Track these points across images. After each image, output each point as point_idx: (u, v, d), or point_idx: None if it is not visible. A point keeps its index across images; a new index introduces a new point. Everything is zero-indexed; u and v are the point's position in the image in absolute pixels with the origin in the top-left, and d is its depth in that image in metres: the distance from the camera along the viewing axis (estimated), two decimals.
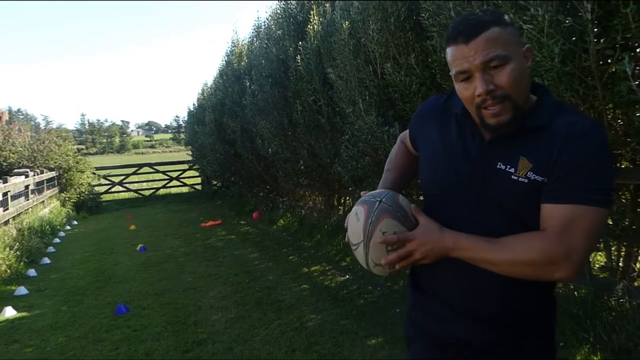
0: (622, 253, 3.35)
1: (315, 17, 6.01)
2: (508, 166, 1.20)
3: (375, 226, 1.26)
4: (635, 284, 3.14)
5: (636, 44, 2.33)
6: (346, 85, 4.97)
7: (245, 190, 11.64)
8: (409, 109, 4.05)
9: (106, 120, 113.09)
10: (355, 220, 1.32)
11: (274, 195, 10.10)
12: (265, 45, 7.80)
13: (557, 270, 1.11)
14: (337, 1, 5.75)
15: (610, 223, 2.89)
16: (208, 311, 4.62)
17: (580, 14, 2.47)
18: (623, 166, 3.17)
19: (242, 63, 9.83)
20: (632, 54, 2.41)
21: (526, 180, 1.16)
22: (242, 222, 9.77)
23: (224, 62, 11.08)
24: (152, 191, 15.61)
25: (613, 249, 3.41)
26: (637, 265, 3.29)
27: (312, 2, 6.79)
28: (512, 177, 1.18)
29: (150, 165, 16.04)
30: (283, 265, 6.09)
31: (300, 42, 6.31)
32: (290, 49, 6.70)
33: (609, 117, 2.77)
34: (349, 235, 1.36)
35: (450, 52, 1.20)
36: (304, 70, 6.12)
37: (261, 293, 5.02)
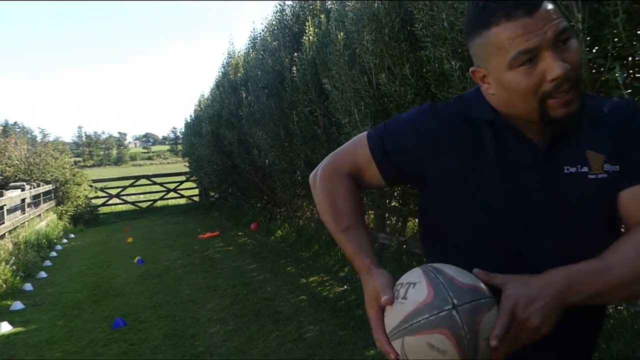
0: None
1: (311, 28, 6.04)
2: (579, 166, 0.98)
3: (424, 331, 0.86)
4: None
5: (627, 53, 2.34)
6: (342, 96, 4.99)
7: (243, 202, 11.64)
8: None
9: (103, 133, 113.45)
10: (402, 296, 0.92)
11: (271, 206, 10.10)
12: (261, 57, 7.83)
13: None
14: (332, 12, 5.79)
15: None
16: (206, 323, 4.60)
17: (571, 23, 2.49)
18: None
19: (239, 74, 9.86)
20: (624, 62, 2.42)
21: (606, 175, 0.96)
22: (240, 234, 9.76)
23: (221, 73, 11.12)
24: (149, 203, 15.60)
25: None
26: None
27: (307, 13, 6.85)
28: (589, 176, 0.97)
29: (147, 177, 16.04)
30: (281, 276, 6.07)
31: (295, 53, 6.34)
32: (286, 60, 6.73)
33: None
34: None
35: (502, 32, 0.91)
36: (300, 81, 6.14)
37: (259, 305, 5.00)
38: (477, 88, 1.08)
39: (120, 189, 15.43)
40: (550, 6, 0.91)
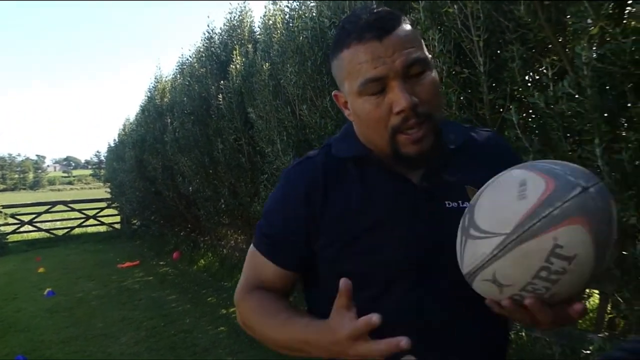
0: None
1: (238, 57, 6.08)
2: (460, 201, 0.93)
3: (551, 228, 0.68)
4: None
5: (522, 95, 2.53)
6: (266, 125, 5.03)
7: (166, 230, 11.31)
8: None
9: (19, 155, 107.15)
10: (516, 196, 0.73)
11: (195, 234, 9.88)
12: (188, 83, 7.76)
13: None
14: (259, 42, 5.87)
15: None
16: (118, 358, 4.39)
17: (475, 66, 2.67)
18: None
19: (165, 99, 9.69)
20: (520, 103, 2.62)
21: None
22: (161, 263, 9.45)
23: (147, 97, 10.89)
24: (66, 230, 14.78)
25: None
26: None
27: (235, 42, 6.89)
28: None
29: (64, 203, 15.22)
30: (201, 307, 5.92)
31: (222, 81, 6.34)
32: (213, 87, 6.72)
33: None
34: (482, 210, 0.77)
35: (352, 54, 0.87)
36: (226, 109, 6.14)
37: (176, 337, 4.85)
38: (350, 123, 1.03)
39: (34, 215, 14.52)
40: (406, 34, 0.87)
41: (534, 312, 0.73)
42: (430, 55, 0.92)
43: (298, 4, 5.19)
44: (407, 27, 0.90)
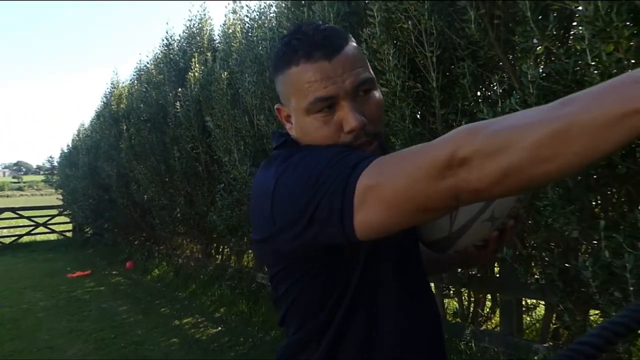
0: (472, 299, 3.62)
1: (197, 65, 6.03)
2: None
3: None
4: (482, 327, 3.40)
5: (474, 110, 2.61)
6: (223, 134, 5.00)
7: (120, 238, 11.04)
8: None
9: None
10: None
11: (150, 243, 9.68)
12: (145, 89, 7.64)
13: None
14: (218, 51, 5.84)
15: (459, 270, 3.13)
16: None
17: (428, 81, 2.73)
18: None
19: (122, 105, 9.50)
20: (470, 118, 2.69)
21: None
22: (113, 272, 9.18)
23: (103, 103, 10.65)
24: (13, 239, 14.20)
25: (464, 296, 3.69)
26: (484, 310, 3.57)
27: (194, 49, 6.83)
28: None
29: (13, 210, 14.63)
30: (154, 318, 5.78)
31: (180, 89, 6.27)
32: (170, 94, 6.63)
33: None
34: None
35: (300, 73, 0.88)
36: (183, 116, 6.06)
37: (127, 349, 4.71)
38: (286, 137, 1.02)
39: None
40: (353, 53, 0.90)
41: (509, 235, 0.89)
42: (373, 75, 0.95)
43: (258, 14, 5.21)
44: (354, 46, 0.92)
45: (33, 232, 14.46)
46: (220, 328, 5.13)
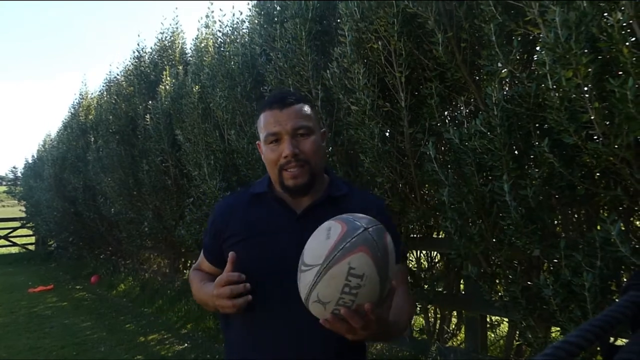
0: (438, 316, 3.66)
1: (168, 78, 5.99)
2: None
3: (345, 256, 0.98)
4: (447, 344, 3.43)
5: (441, 130, 2.66)
6: (193, 148, 4.97)
7: (85, 252, 10.78)
8: (252, 175, 4.15)
9: None
10: (324, 238, 1.04)
11: (116, 257, 9.48)
12: (114, 101, 7.54)
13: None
14: (189, 65, 5.82)
15: (426, 287, 3.17)
16: None
17: (397, 100, 2.78)
18: (435, 237, 3.53)
19: (90, 117, 9.35)
20: (437, 138, 2.75)
21: None
22: (77, 287, 8.96)
23: (70, 113, 10.46)
24: None
25: (431, 312, 3.72)
26: (450, 327, 3.61)
27: (166, 62, 6.80)
28: None
29: None
30: (118, 334, 5.65)
31: (150, 101, 6.22)
32: (140, 107, 6.57)
33: (422, 192, 3.10)
34: (306, 251, 1.07)
35: (264, 117, 1.32)
36: (153, 129, 6.00)
37: None
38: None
39: None
40: (300, 109, 1.30)
41: (349, 320, 1.00)
42: (314, 125, 1.33)
43: (231, 29, 5.22)
44: (304, 106, 1.33)
45: None
46: (186, 344, 5.05)
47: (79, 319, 6.53)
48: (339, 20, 3.31)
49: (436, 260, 3.94)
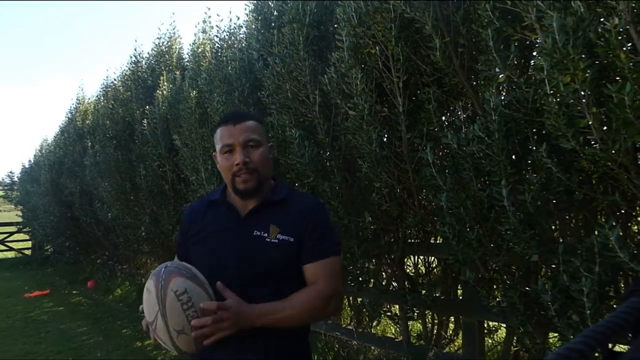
0: (436, 322, 3.65)
1: (165, 83, 5.99)
2: (262, 232, 1.51)
3: (167, 288, 1.29)
4: (445, 350, 3.42)
5: (439, 135, 2.66)
6: (191, 153, 4.96)
7: (81, 257, 10.74)
8: None
9: None
10: (148, 295, 1.33)
11: (113, 262, 9.45)
12: (111, 106, 7.54)
13: (331, 306, 1.51)
14: (187, 70, 5.82)
15: (423, 292, 3.16)
16: None
17: (394, 105, 2.78)
18: (432, 242, 3.52)
19: (87, 121, 9.34)
20: (435, 143, 2.74)
21: (276, 241, 1.50)
22: (74, 292, 8.93)
23: (67, 118, 10.45)
24: None
25: (428, 318, 3.71)
26: (448, 332, 3.59)
27: (163, 67, 6.80)
28: (266, 240, 1.50)
29: None
30: (115, 339, 5.62)
31: (148, 106, 6.21)
32: (137, 112, 6.56)
33: (420, 197, 3.09)
34: (146, 315, 1.34)
35: (220, 131, 1.57)
36: (150, 134, 5.99)
37: None
38: None
39: None
40: (250, 124, 1.55)
41: (206, 324, 1.31)
42: (264, 139, 1.59)
43: (228, 34, 5.22)
44: (254, 122, 1.58)
45: None
46: None
47: (75, 324, 6.50)
48: (336, 25, 3.31)
49: (433, 265, 3.93)
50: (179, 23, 10.45)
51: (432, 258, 3.83)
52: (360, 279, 3.44)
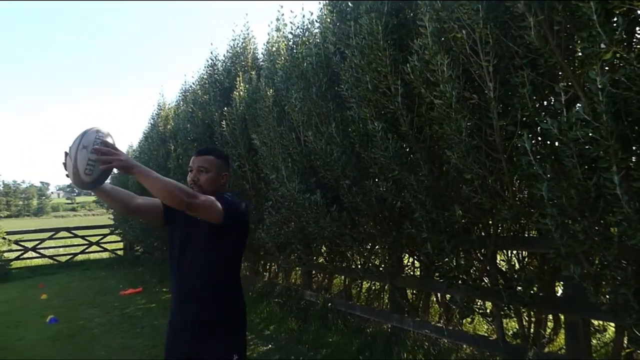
0: (533, 320, 3.43)
1: (241, 84, 6.07)
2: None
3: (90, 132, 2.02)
4: (545, 350, 3.20)
5: (536, 120, 2.47)
6: (270, 152, 4.99)
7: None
8: (330, 176, 4.09)
9: (23, 182, 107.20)
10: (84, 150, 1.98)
11: None
12: (191, 110, 7.77)
13: (185, 200, 1.95)
14: (262, 69, 5.87)
15: (519, 289, 2.97)
16: None
17: (484, 91, 2.61)
18: (526, 235, 3.30)
19: (168, 126, 9.71)
20: (531, 130, 2.55)
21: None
22: (164, 290, 9.30)
23: (150, 124, 10.91)
24: (69, 257, 14.66)
25: (524, 316, 3.49)
26: (547, 331, 3.37)
27: (239, 68, 6.90)
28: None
29: (68, 229, 15.13)
30: None
31: (225, 108, 6.32)
32: (216, 114, 6.70)
33: (514, 188, 2.90)
34: (71, 153, 1.99)
35: (192, 157, 2.31)
36: (229, 135, 6.10)
37: None
38: None
39: (37, 242, 14.40)
40: (207, 157, 2.28)
41: (102, 150, 1.96)
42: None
43: (302, 30, 5.19)
44: (212, 157, 2.30)
45: (87, 250, 14.90)
46: (270, 346, 5.08)
47: (166, 320, 6.69)
48: (418, 11, 3.18)
49: (525, 260, 3.70)
50: (252, 23, 10.61)
51: (525, 253, 3.60)
52: (450, 275, 3.30)
